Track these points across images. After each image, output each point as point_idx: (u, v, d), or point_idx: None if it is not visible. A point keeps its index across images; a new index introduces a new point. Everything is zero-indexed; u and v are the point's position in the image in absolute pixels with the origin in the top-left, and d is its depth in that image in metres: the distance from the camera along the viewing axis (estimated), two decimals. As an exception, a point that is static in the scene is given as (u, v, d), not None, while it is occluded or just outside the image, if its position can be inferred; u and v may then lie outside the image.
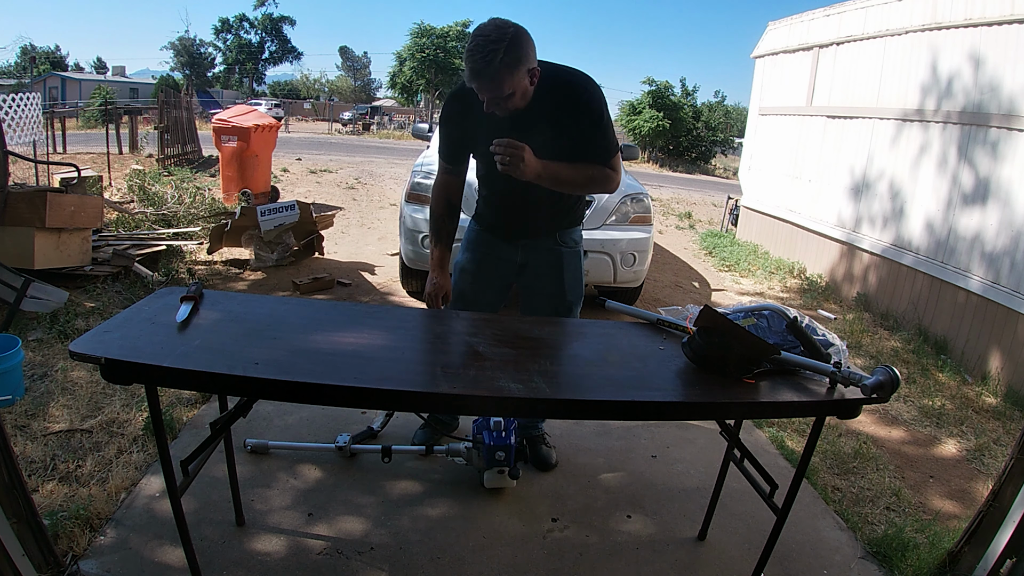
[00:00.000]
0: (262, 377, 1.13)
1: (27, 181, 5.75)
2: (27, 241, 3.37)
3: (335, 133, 25.18)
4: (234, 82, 44.09)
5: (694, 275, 5.77)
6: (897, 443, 2.83)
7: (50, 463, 2.01)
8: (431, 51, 31.27)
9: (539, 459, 2.24)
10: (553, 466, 2.23)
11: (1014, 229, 3.61)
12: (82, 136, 13.91)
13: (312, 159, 12.73)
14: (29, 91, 6.59)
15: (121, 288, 3.67)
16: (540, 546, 1.85)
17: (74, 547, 1.62)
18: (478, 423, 2.05)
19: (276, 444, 2.17)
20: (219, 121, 6.99)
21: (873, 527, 2.10)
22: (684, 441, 2.52)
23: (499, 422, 1.95)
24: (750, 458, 1.59)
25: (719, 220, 8.70)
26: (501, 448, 1.93)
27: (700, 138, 24.58)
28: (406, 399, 1.22)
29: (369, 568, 1.69)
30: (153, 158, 9.39)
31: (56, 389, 2.49)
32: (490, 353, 1.30)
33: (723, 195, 9.91)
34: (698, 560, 1.85)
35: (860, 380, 1.24)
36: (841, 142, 5.43)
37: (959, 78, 4.17)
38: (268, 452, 2.15)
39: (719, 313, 1.30)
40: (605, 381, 1.25)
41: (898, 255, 4.59)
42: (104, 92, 22.07)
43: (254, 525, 1.81)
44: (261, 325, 1.32)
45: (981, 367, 3.69)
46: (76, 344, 1.15)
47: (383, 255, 5.34)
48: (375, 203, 8.18)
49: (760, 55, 7.00)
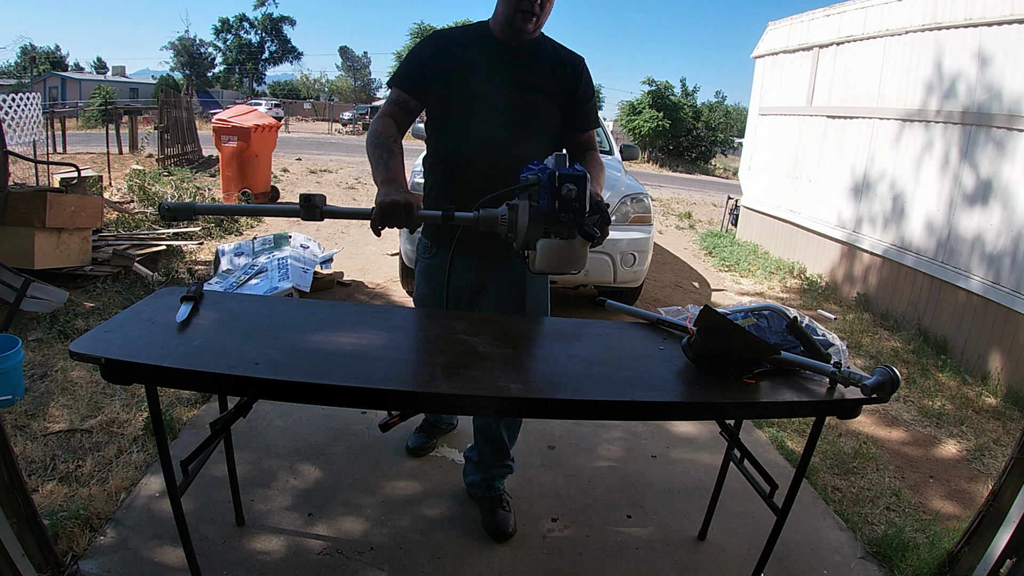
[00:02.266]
0: (262, 377, 1.13)
1: (27, 181, 5.75)
2: (27, 241, 3.37)
3: (335, 133, 25.18)
4: (234, 82, 44.09)
5: (694, 275, 5.77)
6: (897, 443, 2.83)
7: (50, 463, 2.01)
8: (431, 51, 31.22)
9: (494, 526, 1.86)
10: (510, 535, 1.85)
11: (1015, 229, 3.61)
12: (82, 136, 13.92)
13: (312, 159, 12.74)
14: (29, 91, 6.59)
15: (121, 288, 3.67)
16: (540, 546, 1.85)
17: (74, 547, 1.62)
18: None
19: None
20: (219, 121, 6.99)
21: (873, 527, 2.10)
22: (684, 441, 2.52)
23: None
24: (750, 458, 1.59)
25: (719, 220, 8.70)
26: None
27: (700, 138, 24.58)
28: (406, 399, 1.22)
29: (369, 568, 1.69)
30: (153, 158, 9.39)
31: (56, 389, 2.49)
32: (490, 353, 1.29)
33: (723, 195, 9.91)
34: (698, 560, 1.85)
35: (860, 380, 1.24)
36: (841, 142, 5.43)
37: (960, 78, 4.17)
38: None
39: (719, 313, 1.30)
40: (605, 381, 1.25)
41: (899, 255, 4.58)
42: (104, 92, 22.06)
43: (254, 525, 1.80)
44: (261, 325, 1.32)
45: (981, 367, 3.69)
46: (76, 344, 1.14)
47: (383, 255, 5.34)
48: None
49: (760, 55, 7.00)
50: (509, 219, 1.28)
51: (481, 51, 1.57)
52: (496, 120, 1.56)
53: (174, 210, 1.31)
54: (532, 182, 1.26)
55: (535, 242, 1.25)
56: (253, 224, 6.09)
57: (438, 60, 1.56)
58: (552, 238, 1.24)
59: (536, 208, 1.25)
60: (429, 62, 1.56)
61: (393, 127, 1.55)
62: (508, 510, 1.92)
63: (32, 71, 23.55)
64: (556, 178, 1.21)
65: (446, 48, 1.57)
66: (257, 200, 6.93)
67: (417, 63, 1.58)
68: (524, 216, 1.26)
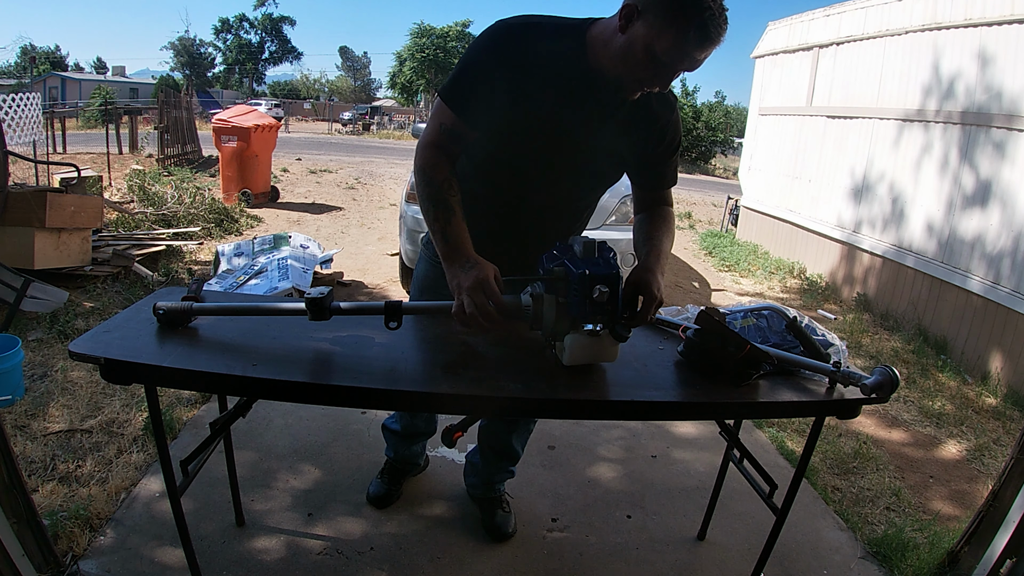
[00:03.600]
0: (262, 377, 1.13)
1: (27, 181, 5.75)
2: (27, 241, 3.37)
3: (335, 133, 25.18)
4: (234, 82, 44.10)
5: (694, 275, 5.77)
6: (897, 443, 2.83)
7: (50, 463, 2.01)
8: (431, 51, 31.30)
9: (493, 527, 1.86)
10: (510, 535, 1.85)
11: (1015, 229, 3.61)
12: (82, 136, 13.92)
13: (312, 159, 12.74)
14: (29, 91, 6.59)
15: (121, 288, 3.67)
16: (540, 546, 1.85)
17: (74, 547, 1.62)
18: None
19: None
20: (219, 121, 7.00)
21: (873, 527, 2.10)
22: (684, 441, 2.52)
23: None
24: (750, 458, 1.59)
25: (719, 220, 8.70)
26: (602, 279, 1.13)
27: (700, 138, 24.57)
28: (406, 399, 1.22)
29: (369, 568, 1.69)
30: (153, 158, 9.39)
31: (56, 389, 2.49)
32: (490, 353, 1.29)
33: (723, 195, 9.91)
34: (698, 560, 1.85)
35: (860, 380, 1.24)
36: (841, 142, 5.43)
37: (960, 78, 4.17)
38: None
39: (716, 320, 1.30)
40: (605, 381, 1.25)
41: (899, 255, 4.58)
42: (104, 92, 22.08)
43: (254, 525, 1.80)
44: (261, 325, 1.31)
45: (981, 367, 3.69)
46: (76, 344, 1.14)
47: (383, 255, 5.34)
48: (375, 203, 8.18)
49: (760, 55, 7.00)
50: (534, 311, 1.17)
51: (569, 88, 1.21)
52: (554, 178, 1.31)
53: (170, 313, 1.23)
54: (558, 275, 1.13)
55: (563, 335, 1.18)
56: (253, 224, 6.10)
57: (505, 79, 1.18)
58: (582, 333, 1.16)
59: (564, 305, 1.14)
60: (492, 76, 1.18)
61: (445, 165, 1.25)
62: (508, 511, 1.91)
63: (32, 71, 23.53)
64: (587, 279, 1.10)
65: (522, 61, 1.17)
66: (257, 199, 6.94)
67: (478, 73, 1.20)
68: (551, 312, 1.15)
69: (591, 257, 1.15)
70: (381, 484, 1.97)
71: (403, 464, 1.99)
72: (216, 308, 1.30)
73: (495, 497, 1.90)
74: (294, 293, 3.61)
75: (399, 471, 1.99)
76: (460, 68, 1.22)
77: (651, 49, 1.08)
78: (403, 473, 2.01)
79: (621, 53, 1.12)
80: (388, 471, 1.99)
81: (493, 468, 1.87)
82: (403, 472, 2.01)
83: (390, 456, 1.99)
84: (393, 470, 1.99)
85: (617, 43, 1.12)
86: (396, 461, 1.98)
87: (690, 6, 1.04)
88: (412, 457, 1.99)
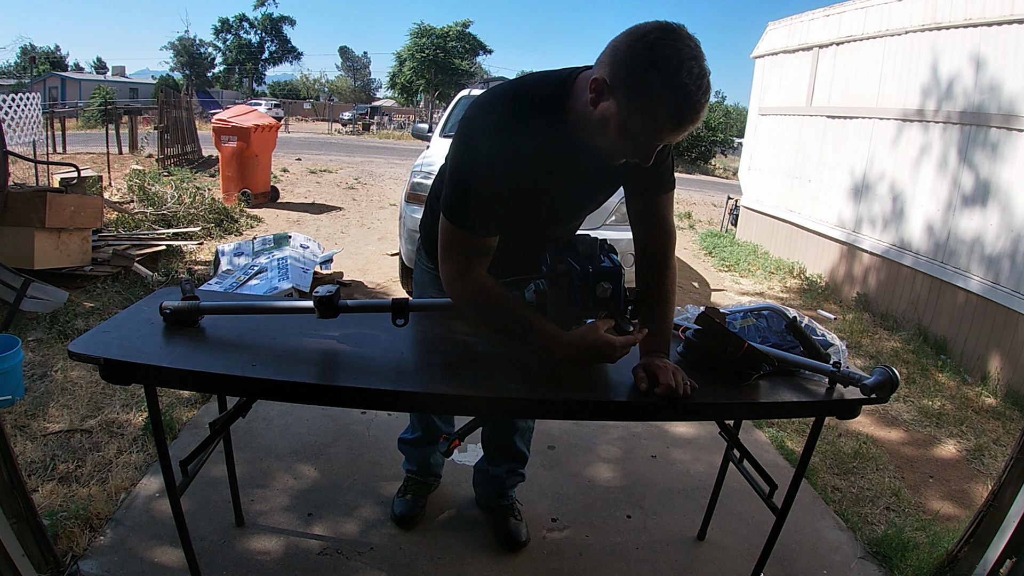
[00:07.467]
0: (261, 377, 1.13)
1: (27, 181, 5.75)
2: (27, 241, 3.37)
3: (335, 133, 25.18)
4: (234, 82, 44.09)
5: (694, 275, 5.77)
6: (897, 443, 2.83)
7: (50, 463, 2.01)
8: (431, 51, 31.29)
9: (507, 535, 1.82)
10: (523, 544, 1.81)
11: (1014, 230, 3.61)
12: (82, 136, 13.92)
13: (312, 159, 12.74)
14: (29, 91, 6.59)
15: (121, 288, 3.67)
16: (540, 546, 1.85)
17: (74, 547, 1.62)
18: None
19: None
20: (219, 121, 7.00)
21: (873, 527, 2.10)
22: (684, 441, 2.52)
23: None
24: (749, 458, 1.59)
25: (719, 220, 8.70)
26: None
27: (700, 138, 24.56)
28: (406, 399, 1.22)
29: (369, 568, 1.69)
30: (153, 158, 9.39)
31: (56, 389, 2.49)
32: (490, 353, 1.29)
33: (723, 195, 9.91)
34: (698, 560, 1.85)
35: (859, 380, 1.24)
36: (841, 142, 5.43)
37: (959, 78, 4.17)
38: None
39: (716, 321, 1.30)
40: (605, 381, 1.25)
41: (898, 255, 4.59)
42: (104, 92, 22.05)
43: (253, 525, 1.81)
44: (260, 325, 1.31)
45: (981, 367, 3.69)
46: (75, 344, 1.14)
47: (383, 255, 5.34)
48: (375, 203, 8.18)
49: (760, 55, 7.00)
50: (538, 308, 1.20)
51: (560, 161, 1.20)
52: (554, 224, 1.38)
53: (177, 313, 1.24)
54: (562, 272, 1.17)
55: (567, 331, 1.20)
56: (253, 224, 6.10)
57: (502, 180, 1.17)
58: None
59: (568, 301, 1.18)
60: (493, 187, 1.17)
61: (484, 280, 1.20)
62: (520, 519, 1.87)
63: (32, 71, 23.58)
64: (591, 275, 1.14)
65: (514, 156, 1.16)
66: (257, 199, 6.94)
67: (481, 191, 1.18)
68: (555, 309, 1.19)
69: (594, 254, 1.18)
70: (406, 502, 1.89)
71: (426, 475, 1.94)
72: (223, 307, 1.30)
73: (507, 505, 1.87)
74: (294, 293, 3.61)
75: (423, 484, 1.94)
76: (461, 189, 1.19)
77: (624, 128, 1.03)
78: (427, 487, 1.96)
79: (596, 127, 1.08)
80: (412, 487, 1.92)
81: (503, 472, 1.86)
82: (427, 486, 1.96)
83: (412, 470, 1.94)
84: (417, 484, 1.93)
85: (590, 116, 1.08)
86: (418, 474, 1.93)
87: (660, 88, 0.96)
88: (434, 468, 1.96)
